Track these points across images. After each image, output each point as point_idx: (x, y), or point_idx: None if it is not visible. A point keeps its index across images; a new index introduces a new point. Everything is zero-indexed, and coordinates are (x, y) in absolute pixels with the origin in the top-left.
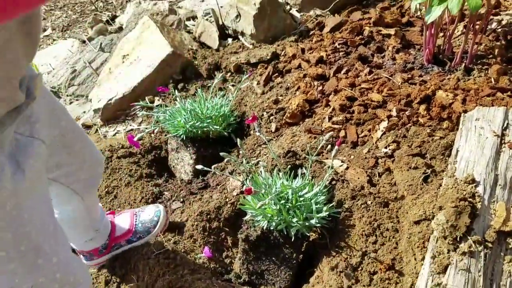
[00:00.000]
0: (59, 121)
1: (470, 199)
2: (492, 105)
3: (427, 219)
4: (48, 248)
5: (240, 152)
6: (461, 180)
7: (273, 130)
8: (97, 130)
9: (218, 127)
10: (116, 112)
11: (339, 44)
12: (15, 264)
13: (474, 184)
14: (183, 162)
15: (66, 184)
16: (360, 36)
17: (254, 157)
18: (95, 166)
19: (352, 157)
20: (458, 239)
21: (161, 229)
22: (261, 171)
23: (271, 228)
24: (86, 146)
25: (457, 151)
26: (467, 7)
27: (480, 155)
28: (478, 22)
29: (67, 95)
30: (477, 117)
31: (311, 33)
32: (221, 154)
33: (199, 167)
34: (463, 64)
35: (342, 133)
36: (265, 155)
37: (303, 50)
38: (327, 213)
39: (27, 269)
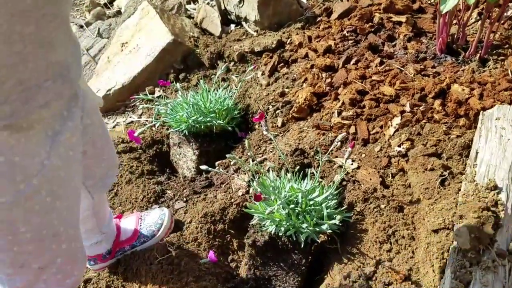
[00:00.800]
0: (94, 113)
1: (493, 208)
2: (511, 101)
3: (446, 228)
4: (64, 236)
5: (248, 154)
6: (482, 186)
7: (279, 125)
8: None
9: (221, 121)
10: (115, 103)
11: (348, 32)
12: (33, 246)
13: (497, 191)
14: (185, 158)
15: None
16: (370, 24)
17: (260, 153)
18: (111, 167)
19: (363, 155)
20: (481, 252)
21: (165, 233)
22: (268, 170)
23: (279, 233)
24: (108, 144)
25: (477, 153)
26: None
27: (502, 158)
28: (495, 10)
29: None
30: (498, 116)
31: (318, 20)
32: (227, 156)
33: (203, 167)
34: (478, 55)
35: (352, 129)
36: (271, 152)
37: (310, 38)
38: (339, 220)
39: (41, 251)
